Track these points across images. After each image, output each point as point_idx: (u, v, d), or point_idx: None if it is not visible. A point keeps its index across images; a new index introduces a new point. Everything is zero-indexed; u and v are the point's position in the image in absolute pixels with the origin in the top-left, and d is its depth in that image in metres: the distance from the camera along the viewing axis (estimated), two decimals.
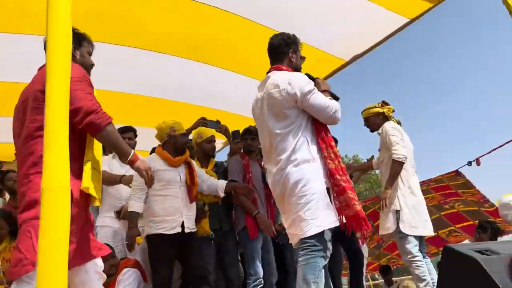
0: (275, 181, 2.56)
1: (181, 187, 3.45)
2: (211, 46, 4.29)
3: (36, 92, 1.94)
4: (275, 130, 2.54)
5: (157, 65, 4.38)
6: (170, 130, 3.54)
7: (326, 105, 2.54)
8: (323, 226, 2.37)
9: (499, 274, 2.27)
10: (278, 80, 2.57)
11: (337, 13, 3.95)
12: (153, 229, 3.33)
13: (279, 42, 2.74)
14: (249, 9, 3.86)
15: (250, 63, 4.56)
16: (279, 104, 2.53)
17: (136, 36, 3.97)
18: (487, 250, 2.34)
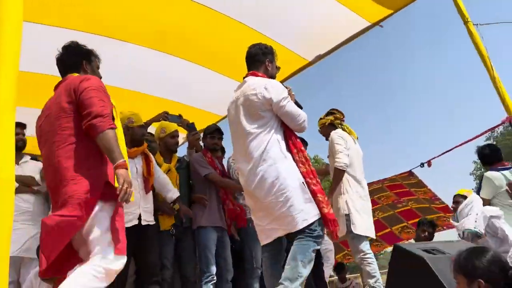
0: (249, 181, 2.62)
1: (137, 179, 3.34)
2: (175, 37, 4.23)
3: (64, 104, 2.20)
4: (249, 130, 2.65)
5: (117, 53, 4.27)
6: (128, 121, 3.44)
7: (298, 113, 2.70)
8: (308, 220, 2.47)
9: (444, 273, 2.38)
10: (255, 85, 2.70)
11: (302, 10, 3.99)
12: None
13: (257, 51, 2.90)
14: (219, 1, 3.86)
15: (214, 56, 4.55)
16: (255, 106, 2.65)
17: (95, 22, 3.87)
18: (433, 249, 2.46)
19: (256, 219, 2.71)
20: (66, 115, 2.18)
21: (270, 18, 4.09)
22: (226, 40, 4.36)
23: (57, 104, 2.24)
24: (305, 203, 2.51)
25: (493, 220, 3.36)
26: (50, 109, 2.28)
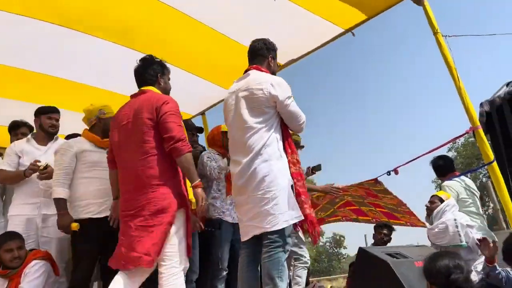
0: (241, 173, 2.62)
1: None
2: (142, 34, 4.18)
3: (145, 119, 2.55)
4: (250, 123, 2.64)
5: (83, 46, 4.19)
6: (99, 112, 3.38)
7: (300, 114, 2.73)
8: (289, 221, 2.49)
9: (406, 276, 2.44)
10: (261, 79, 2.69)
11: (275, 16, 4.01)
12: (78, 214, 3.09)
13: (261, 46, 2.91)
14: (190, 5, 3.84)
15: (183, 55, 4.51)
16: (259, 101, 2.64)
17: (60, 13, 3.76)
18: (397, 253, 2.51)
19: (239, 214, 2.71)
20: (147, 129, 2.54)
21: (243, 23, 4.09)
22: (195, 41, 4.34)
23: (138, 117, 2.57)
24: (289, 205, 2.53)
25: (467, 229, 3.45)
26: (128, 119, 2.62)
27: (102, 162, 3.16)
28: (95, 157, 3.25)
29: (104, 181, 3.13)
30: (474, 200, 3.91)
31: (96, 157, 3.25)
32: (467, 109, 3.26)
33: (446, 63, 3.39)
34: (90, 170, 3.21)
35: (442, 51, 3.41)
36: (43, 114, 3.64)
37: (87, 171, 3.20)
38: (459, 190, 3.90)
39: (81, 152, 3.21)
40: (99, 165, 3.22)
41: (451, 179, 4.04)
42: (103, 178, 3.15)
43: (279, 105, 2.65)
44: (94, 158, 3.24)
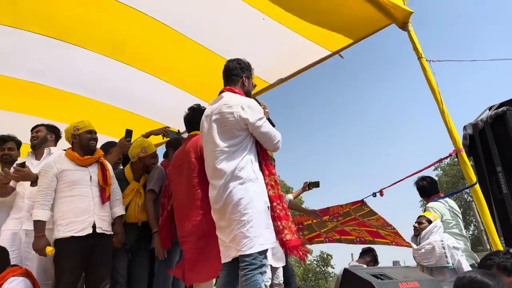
0: (218, 196, 2.61)
1: (92, 187, 3.29)
2: (132, 48, 4.23)
3: (192, 159, 3.12)
4: (221, 147, 2.63)
5: (72, 57, 4.22)
6: (74, 129, 3.41)
7: (273, 133, 2.72)
8: (265, 245, 2.49)
9: None
10: (232, 102, 2.68)
11: (264, 37, 4.09)
12: (61, 233, 3.09)
13: (235, 66, 2.91)
14: (180, 23, 3.91)
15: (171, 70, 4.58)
16: (230, 124, 2.64)
17: (51, 25, 3.81)
18: (382, 274, 2.53)
19: (221, 236, 2.69)
20: (194, 167, 3.07)
21: (232, 42, 4.17)
22: (184, 58, 4.41)
23: (188, 158, 3.14)
24: (266, 228, 2.53)
25: (453, 251, 3.49)
26: (182, 160, 3.21)
27: (82, 181, 3.25)
28: (75, 176, 3.27)
29: (85, 199, 3.20)
30: (457, 221, 3.97)
31: (77, 176, 3.27)
32: (451, 132, 3.33)
33: (430, 86, 3.47)
34: (71, 189, 3.22)
35: (426, 75, 3.49)
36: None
37: (68, 190, 3.21)
38: (443, 212, 3.95)
39: (60, 172, 3.23)
40: (79, 183, 3.25)
41: (435, 200, 4.10)
42: (83, 196, 3.20)
43: (250, 127, 2.65)
44: (74, 177, 3.26)
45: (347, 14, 3.73)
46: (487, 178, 3.61)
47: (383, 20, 3.72)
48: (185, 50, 4.25)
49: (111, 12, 3.71)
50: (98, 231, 3.18)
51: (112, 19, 3.83)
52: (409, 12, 3.58)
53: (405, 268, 3.04)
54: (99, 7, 3.67)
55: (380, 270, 2.63)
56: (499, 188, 3.50)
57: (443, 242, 3.50)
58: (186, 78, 4.77)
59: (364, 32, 3.97)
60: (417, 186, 4.32)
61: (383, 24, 3.80)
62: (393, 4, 3.49)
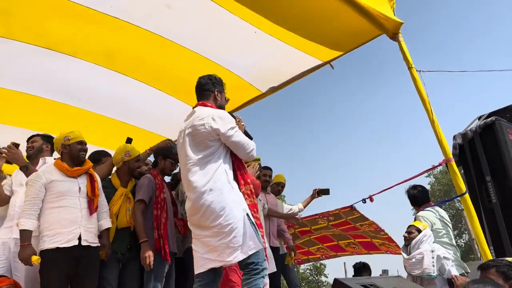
0: (194, 208, 2.63)
1: (80, 198, 3.26)
2: (124, 56, 4.22)
3: None
4: (194, 159, 2.68)
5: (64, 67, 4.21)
6: (64, 139, 3.38)
7: (246, 143, 2.76)
8: (248, 253, 2.51)
9: None
10: (203, 114, 2.74)
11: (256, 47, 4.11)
12: (46, 244, 3.06)
13: (206, 81, 2.98)
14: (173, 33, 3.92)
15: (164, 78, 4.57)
16: (202, 136, 2.69)
17: (42, 35, 3.80)
18: (371, 285, 2.52)
19: (195, 246, 2.69)
20: None
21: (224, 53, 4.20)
22: (177, 66, 4.40)
23: None
24: (248, 235, 2.54)
25: (443, 261, 3.50)
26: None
27: (71, 192, 3.23)
28: (63, 186, 3.24)
29: (72, 210, 3.18)
30: (447, 230, 3.98)
31: (65, 187, 3.25)
32: (440, 142, 3.35)
33: (420, 96, 3.50)
34: (59, 200, 3.19)
35: (416, 85, 3.52)
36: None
37: (56, 201, 3.19)
38: (433, 221, 3.96)
39: (49, 182, 3.20)
40: (67, 195, 3.22)
41: (426, 209, 4.11)
42: (71, 207, 3.18)
43: (222, 137, 2.70)
44: (63, 188, 3.23)
45: (338, 25, 3.77)
46: (476, 187, 3.65)
47: (374, 31, 3.75)
48: (178, 56, 4.23)
49: (103, 24, 3.71)
50: (83, 244, 3.15)
51: (104, 31, 3.82)
52: (399, 22, 3.62)
53: (395, 278, 3.04)
54: (91, 20, 3.66)
55: (370, 280, 2.63)
56: (489, 198, 3.53)
57: (434, 252, 3.51)
58: (179, 85, 4.76)
59: (355, 42, 4.00)
60: (408, 195, 4.34)
61: (374, 35, 3.83)
62: (383, 15, 3.52)
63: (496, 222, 3.46)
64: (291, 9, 3.64)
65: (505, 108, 4.05)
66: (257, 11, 3.63)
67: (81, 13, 3.55)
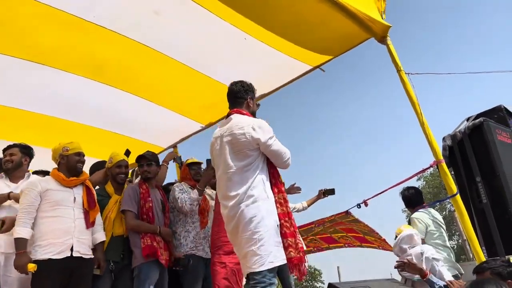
0: (229, 216, 2.70)
1: (75, 209, 3.25)
2: (114, 69, 4.20)
3: None
4: (235, 168, 2.72)
5: (53, 81, 4.17)
6: (63, 149, 3.37)
7: (284, 151, 2.80)
8: (274, 262, 2.53)
9: None
10: (243, 123, 2.78)
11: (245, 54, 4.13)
12: (38, 254, 3.03)
13: (239, 89, 3.00)
14: (160, 42, 3.91)
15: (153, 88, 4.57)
16: (242, 145, 2.73)
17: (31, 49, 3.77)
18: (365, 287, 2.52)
19: (237, 254, 2.77)
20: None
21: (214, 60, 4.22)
22: (166, 76, 4.41)
23: None
24: (276, 246, 2.58)
25: (434, 263, 3.50)
26: None
27: (66, 201, 3.22)
28: (58, 196, 3.23)
29: (66, 220, 3.16)
30: (441, 232, 3.99)
31: (60, 196, 3.24)
32: (431, 144, 3.36)
33: (410, 99, 3.50)
34: (53, 209, 3.18)
35: (406, 88, 3.53)
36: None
37: (50, 210, 3.17)
38: (427, 222, 3.97)
39: (45, 191, 3.20)
40: (62, 204, 3.22)
41: (419, 211, 4.12)
42: (65, 217, 3.17)
43: (262, 146, 2.73)
44: (57, 197, 3.23)
45: (327, 30, 3.78)
46: (467, 188, 3.67)
47: (362, 35, 3.77)
48: (167, 68, 4.24)
49: (90, 34, 3.68)
50: (75, 255, 3.12)
51: (91, 41, 3.79)
52: (387, 26, 3.63)
53: (389, 281, 3.03)
54: (78, 29, 3.63)
55: (364, 283, 2.62)
56: (479, 198, 3.56)
57: (423, 255, 3.51)
58: (168, 96, 4.77)
59: (344, 46, 4.03)
60: (402, 196, 4.34)
61: (362, 39, 3.86)
62: (371, 18, 3.54)
63: (488, 222, 3.48)
64: (280, 14, 3.65)
65: (493, 109, 4.10)
66: (247, 16, 3.64)
67: (68, 21, 3.51)
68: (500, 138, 3.73)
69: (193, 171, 4.05)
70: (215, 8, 3.57)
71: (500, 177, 3.51)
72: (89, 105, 4.62)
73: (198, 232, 3.79)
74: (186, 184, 3.97)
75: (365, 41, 3.88)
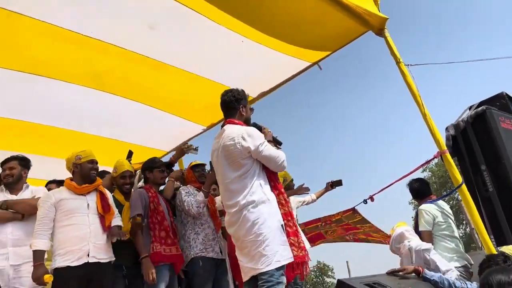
0: (231, 222, 2.78)
1: (89, 215, 3.28)
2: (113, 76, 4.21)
3: None
4: (231, 178, 2.79)
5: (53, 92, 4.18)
6: (76, 158, 3.42)
7: (276, 155, 2.84)
8: (281, 261, 2.57)
9: None
10: (233, 134, 2.83)
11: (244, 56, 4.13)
12: (57, 263, 3.10)
13: (230, 99, 3.03)
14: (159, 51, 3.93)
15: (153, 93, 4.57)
16: (235, 155, 2.79)
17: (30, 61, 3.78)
18: (375, 283, 2.51)
19: (239, 257, 2.79)
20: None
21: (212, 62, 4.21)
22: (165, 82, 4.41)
23: None
24: (281, 245, 2.63)
25: (425, 254, 3.50)
26: None
27: (80, 208, 3.26)
28: (72, 204, 3.27)
29: (81, 227, 3.20)
30: (449, 223, 3.96)
31: (74, 204, 3.28)
32: (434, 134, 3.34)
33: (411, 90, 3.48)
34: (68, 218, 3.22)
35: (406, 80, 3.51)
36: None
37: (66, 219, 3.22)
38: (435, 214, 3.94)
39: (58, 201, 3.25)
40: (76, 212, 3.25)
41: (427, 202, 4.09)
42: (80, 224, 3.21)
43: (253, 154, 2.78)
44: (72, 206, 3.26)
45: (324, 27, 3.78)
46: (472, 177, 3.65)
47: (360, 28, 3.76)
48: (165, 74, 4.24)
49: (87, 47, 3.70)
50: (91, 261, 3.14)
51: (89, 53, 3.80)
52: (384, 18, 3.62)
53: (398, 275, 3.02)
54: (75, 43, 3.64)
55: (374, 279, 2.61)
56: (485, 187, 3.54)
57: (411, 250, 3.53)
58: (168, 100, 4.77)
59: (341, 42, 4.02)
60: (410, 188, 4.31)
61: (360, 32, 3.84)
62: (368, 11, 3.52)
63: (495, 211, 3.47)
64: (277, 16, 3.65)
65: (495, 96, 4.08)
66: (243, 20, 3.64)
67: (64, 35, 3.53)
68: (503, 125, 3.71)
69: (197, 173, 4.05)
70: (212, 14, 3.57)
71: (506, 164, 3.49)
72: (90, 113, 4.64)
73: (207, 234, 3.79)
74: (192, 186, 3.97)
75: (363, 34, 3.87)
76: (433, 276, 2.94)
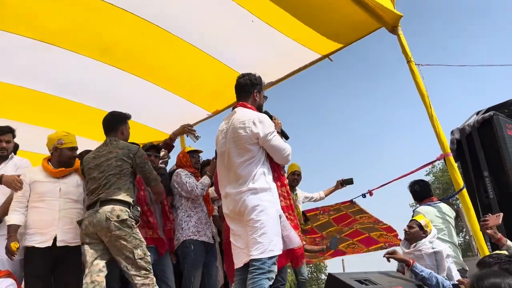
0: (231, 200, 2.75)
1: (60, 199, 3.26)
2: (121, 50, 4.17)
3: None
4: (237, 162, 2.75)
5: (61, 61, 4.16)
6: (57, 142, 3.36)
7: (283, 147, 2.82)
8: (275, 251, 2.57)
9: None
10: (244, 118, 2.79)
11: (255, 40, 4.08)
12: (26, 241, 3.17)
13: (246, 82, 2.99)
14: (170, 23, 3.86)
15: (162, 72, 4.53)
16: (242, 139, 2.75)
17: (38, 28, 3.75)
18: (366, 280, 2.50)
19: (234, 241, 2.78)
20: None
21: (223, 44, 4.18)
22: (175, 59, 4.36)
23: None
24: (276, 235, 2.61)
25: (447, 260, 3.44)
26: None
27: (51, 193, 3.24)
28: (45, 187, 3.26)
29: (50, 212, 3.21)
30: (448, 227, 3.91)
31: (46, 188, 3.26)
32: (439, 136, 3.32)
33: (419, 90, 3.46)
34: (39, 200, 3.23)
35: (415, 79, 3.48)
36: None
37: (37, 201, 3.23)
38: (431, 218, 3.90)
39: (32, 182, 3.25)
40: (47, 196, 3.24)
41: (427, 205, 4.05)
42: (49, 209, 3.21)
43: (261, 141, 2.74)
44: (44, 189, 3.25)
45: (337, 17, 3.73)
46: (474, 183, 3.61)
47: (373, 24, 3.72)
48: (176, 50, 4.20)
49: (99, 13, 3.66)
50: (59, 244, 3.15)
51: (100, 21, 3.77)
52: (399, 15, 3.58)
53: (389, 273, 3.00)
54: (86, 8, 3.61)
55: (364, 275, 2.60)
56: (486, 193, 3.51)
57: (434, 250, 3.45)
58: (177, 80, 4.74)
59: (354, 36, 3.98)
60: (410, 190, 4.28)
61: (373, 28, 3.80)
62: (383, 7, 3.49)
63: None
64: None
65: (504, 103, 4.02)
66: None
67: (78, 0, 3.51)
68: (510, 133, 3.67)
69: (194, 159, 4.05)
70: None
71: (509, 173, 3.45)
72: (95, 86, 4.60)
73: (200, 218, 3.78)
74: (186, 171, 3.96)
75: (376, 31, 3.82)
76: (422, 271, 2.91)
